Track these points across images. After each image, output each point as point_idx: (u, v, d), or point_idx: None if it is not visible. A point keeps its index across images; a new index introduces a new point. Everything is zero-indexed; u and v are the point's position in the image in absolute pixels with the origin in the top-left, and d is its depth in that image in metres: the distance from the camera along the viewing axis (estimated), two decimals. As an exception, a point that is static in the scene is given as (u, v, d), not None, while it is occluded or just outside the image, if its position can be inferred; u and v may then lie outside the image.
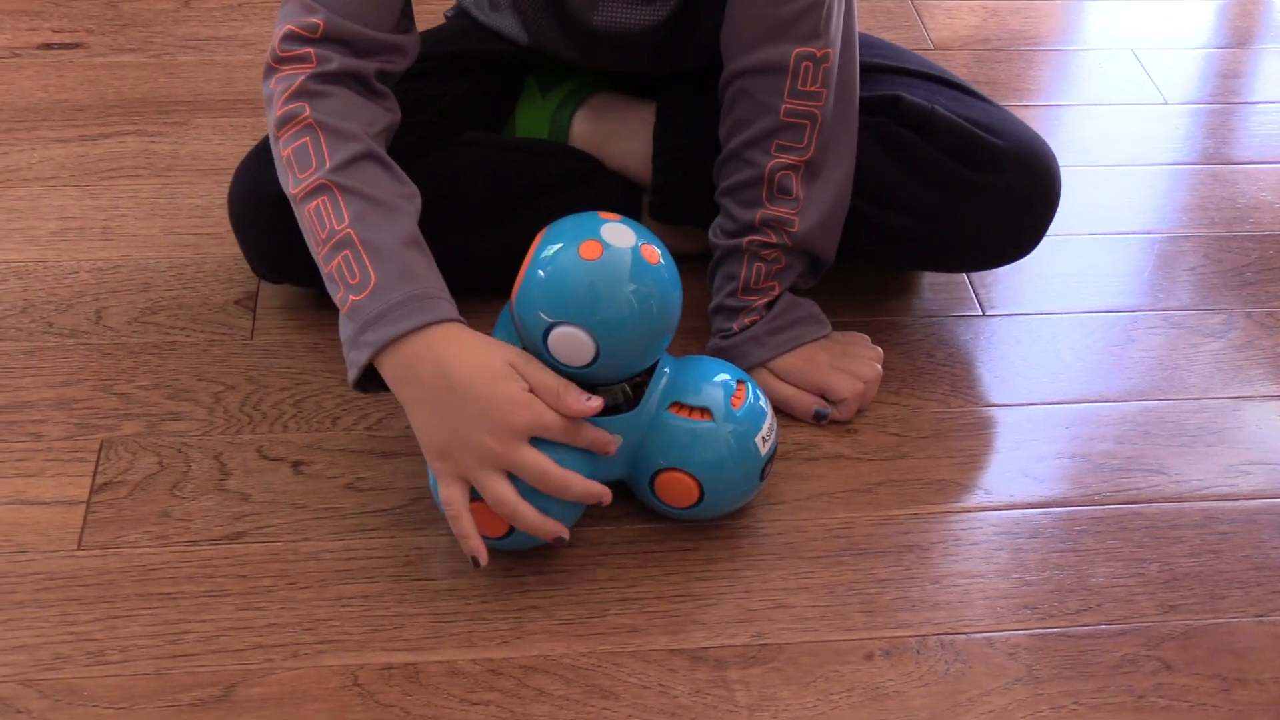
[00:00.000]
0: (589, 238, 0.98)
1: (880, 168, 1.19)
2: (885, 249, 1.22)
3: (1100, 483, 1.15)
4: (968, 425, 1.19)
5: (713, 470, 1.04)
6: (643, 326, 0.99)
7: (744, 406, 1.04)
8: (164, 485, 1.11)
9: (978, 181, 1.17)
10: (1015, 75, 1.63)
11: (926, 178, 1.18)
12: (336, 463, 1.13)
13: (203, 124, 1.49)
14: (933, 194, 1.18)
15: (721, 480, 1.05)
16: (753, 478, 1.06)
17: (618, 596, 1.05)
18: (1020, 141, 1.19)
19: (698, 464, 1.04)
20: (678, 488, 1.05)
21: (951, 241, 1.20)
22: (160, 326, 1.25)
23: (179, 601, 1.03)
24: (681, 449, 1.04)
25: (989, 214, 1.18)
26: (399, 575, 1.05)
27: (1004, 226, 1.20)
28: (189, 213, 1.38)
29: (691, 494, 1.05)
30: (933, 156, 1.18)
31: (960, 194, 1.18)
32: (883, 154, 1.19)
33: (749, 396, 1.05)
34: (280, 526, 1.08)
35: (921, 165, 1.18)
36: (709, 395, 1.04)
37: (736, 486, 1.06)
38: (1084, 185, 1.46)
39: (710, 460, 1.04)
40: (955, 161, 1.17)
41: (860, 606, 1.04)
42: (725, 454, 1.04)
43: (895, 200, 1.19)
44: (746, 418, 1.04)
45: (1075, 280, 1.35)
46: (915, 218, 1.19)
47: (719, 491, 1.05)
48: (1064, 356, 1.27)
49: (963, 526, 1.11)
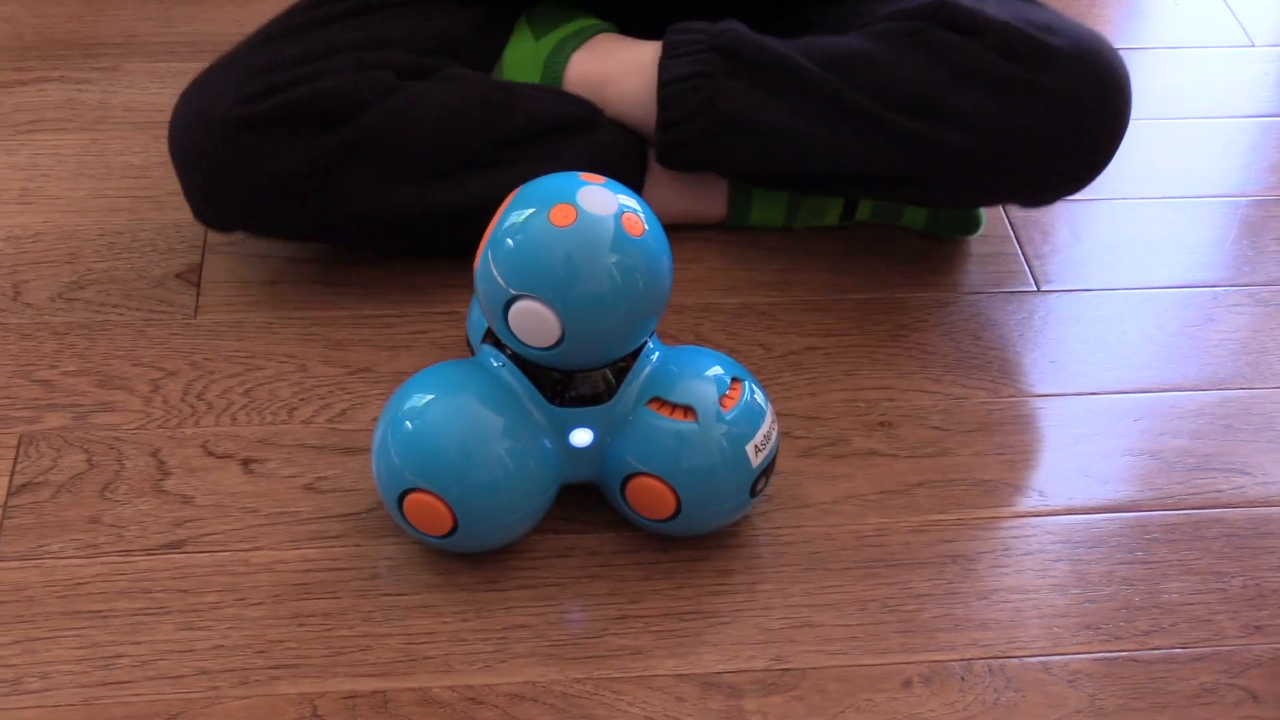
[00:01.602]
0: (562, 201, 0.99)
1: (923, 78, 1.20)
2: (931, 175, 1.23)
3: (1174, 484, 1.16)
4: (1019, 417, 1.21)
5: (693, 479, 1.04)
6: (618, 306, 0.99)
7: (736, 408, 1.04)
8: (93, 486, 1.12)
9: (1033, 81, 1.17)
10: (1078, 13, 1.64)
11: (974, 80, 1.19)
12: (293, 460, 1.14)
13: (137, 69, 1.50)
14: (981, 99, 1.19)
15: (703, 491, 1.05)
16: (741, 492, 1.06)
17: (617, 613, 1.06)
18: (1080, 39, 1.20)
19: (676, 471, 1.04)
20: (652, 497, 1.05)
21: (1006, 158, 1.20)
22: (89, 303, 1.26)
23: (110, 621, 1.03)
24: (658, 452, 1.04)
25: (1047, 120, 1.19)
26: (365, 590, 1.06)
27: (1065, 137, 1.20)
28: (121, 172, 1.39)
29: (667, 505, 1.05)
30: (980, 56, 1.19)
31: (1013, 96, 1.18)
32: (925, 62, 1.20)
33: (744, 396, 1.05)
34: (228, 534, 1.09)
35: (968, 67, 1.19)
36: (695, 392, 1.04)
37: (721, 500, 1.06)
38: (1156, 140, 1.47)
39: (691, 468, 1.04)
40: (1006, 60, 1.19)
41: (896, 626, 1.06)
42: (709, 461, 1.04)
43: (940, 111, 1.20)
44: (738, 421, 1.04)
45: (1145, 251, 1.36)
46: (963, 129, 1.19)
47: (699, 504, 1.05)
48: (1131, 338, 1.28)
49: (1014, 534, 1.12)
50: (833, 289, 1.30)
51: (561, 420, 1.04)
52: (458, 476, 1.01)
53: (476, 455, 1.02)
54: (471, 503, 1.02)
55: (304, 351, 1.22)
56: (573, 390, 1.03)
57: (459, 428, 1.02)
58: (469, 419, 1.02)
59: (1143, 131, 1.44)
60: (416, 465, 1.02)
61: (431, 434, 1.02)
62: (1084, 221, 1.38)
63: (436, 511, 1.02)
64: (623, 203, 1.00)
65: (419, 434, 1.02)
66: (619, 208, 0.99)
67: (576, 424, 1.04)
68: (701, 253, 1.32)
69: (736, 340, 1.25)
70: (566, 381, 1.03)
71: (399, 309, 1.26)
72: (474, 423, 1.02)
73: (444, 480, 1.01)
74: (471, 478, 1.01)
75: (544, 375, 1.03)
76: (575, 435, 1.04)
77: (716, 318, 1.26)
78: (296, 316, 1.25)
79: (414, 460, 1.02)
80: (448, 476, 1.01)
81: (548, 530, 1.09)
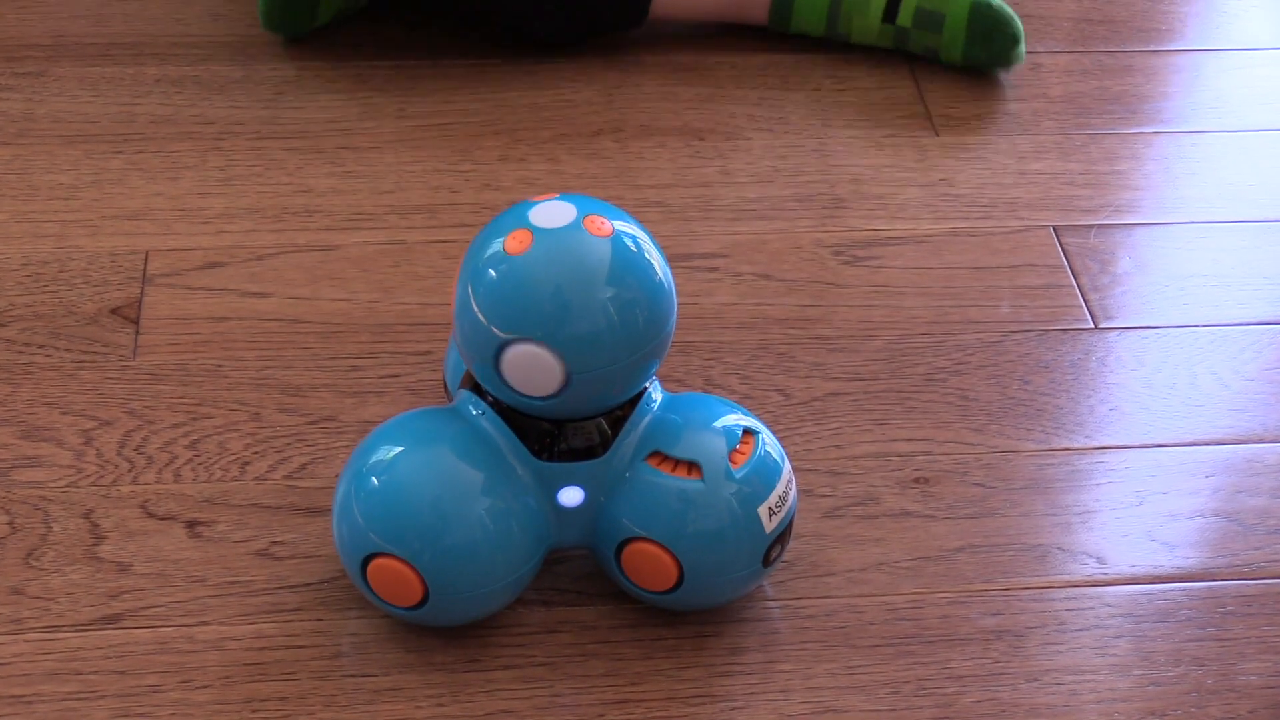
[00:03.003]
0: (515, 227, 1.00)
1: None
2: None
3: (1252, 549, 1.17)
4: (1074, 474, 1.21)
5: (698, 546, 1.04)
6: (597, 333, 0.99)
7: (748, 464, 1.05)
8: (16, 553, 1.12)
9: None
10: (1140, 12, 1.65)
11: None
12: (245, 522, 1.15)
13: (66, 75, 1.51)
14: None
15: (709, 560, 1.05)
16: (752, 560, 1.06)
17: (615, 698, 1.06)
18: None
19: (678, 536, 1.04)
20: (651, 565, 1.06)
21: None
22: (10, 343, 1.27)
23: (35, 708, 1.04)
24: (658, 515, 1.04)
25: None
26: (327, 670, 1.07)
27: None
28: (49, 192, 1.39)
29: (669, 574, 1.06)
30: None
31: None
32: None
33: (757, 451, 1.06)
34: (170, 607, 1.10)
35: None
36: (702, 445, 1.05)
37: (730, 570, 1.06)
38: (1230, 156, 1.48)
39: (695, 533, 1.04)
40: None
41: (934, 711, 1.06)
42: (716, 526, 1.04)
43: None
44: (750, 480, 1.05)
45: (1218, 283, 1.37)
46: None
47: (705, 574, 1.06)
48: (1203, 383, 1.29)
49: (1069, 607, 1.13)
50: (860, 325, 1.31)
51: (549, 477, 1.04)
52: (430, 540, 1.02)
53: (451, 516, 1.02)
54: (444, 569, 1.02)
55: (258, 398, 1.23)
56: (563, 443, 1.04)
57: (431, 484, 1.03)
58: (443, 475, 1.03)
59: (1216, 144, 1.45)
60: (383, 526, 1.02)
61: (400, 491, 1.02)
62: (1148, 248, 1.39)
63: (405, 579, 1.03)
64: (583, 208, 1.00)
65: (386, 491, 1.02)
66: (579, 213, 1.00)
67: (566, 481, 1.04)
68: (711, 286, 1.33)
69: (751, 385, 1.26)
70: (557, 433, 1.03)
71: (366, 349, 1.27)
72: (448, 479, 1.03)
73: (413, 543, 1.02)
74: (445, 541, 1.02)
75: (531, 426, 1.04)
76: (564, 494, 1.05)
77: (729, 359, 1.27)
78: (249, 358, 1.26)
79: (380, 521, 1.02)
80: (418, 539, 1.02)
81: (535, 602, 1.10)
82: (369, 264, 1.34)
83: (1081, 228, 1.40)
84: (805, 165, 1.46)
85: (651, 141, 1.47)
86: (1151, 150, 1.49)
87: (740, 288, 1.33)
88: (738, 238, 1.38)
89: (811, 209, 1.41)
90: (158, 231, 1.36)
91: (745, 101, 1.52)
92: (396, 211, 1.39)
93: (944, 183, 1.45)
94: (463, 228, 1.37)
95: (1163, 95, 1.56)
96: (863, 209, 1.41)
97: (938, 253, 1.37)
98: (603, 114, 1.50)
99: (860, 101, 1.53)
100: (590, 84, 1.53)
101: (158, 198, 1.38)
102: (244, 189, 1.40)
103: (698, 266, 1.34)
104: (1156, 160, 1.48)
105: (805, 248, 1.37)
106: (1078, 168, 1.47)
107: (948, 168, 1.46)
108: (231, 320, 1.29)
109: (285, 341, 1.27)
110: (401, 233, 1.37)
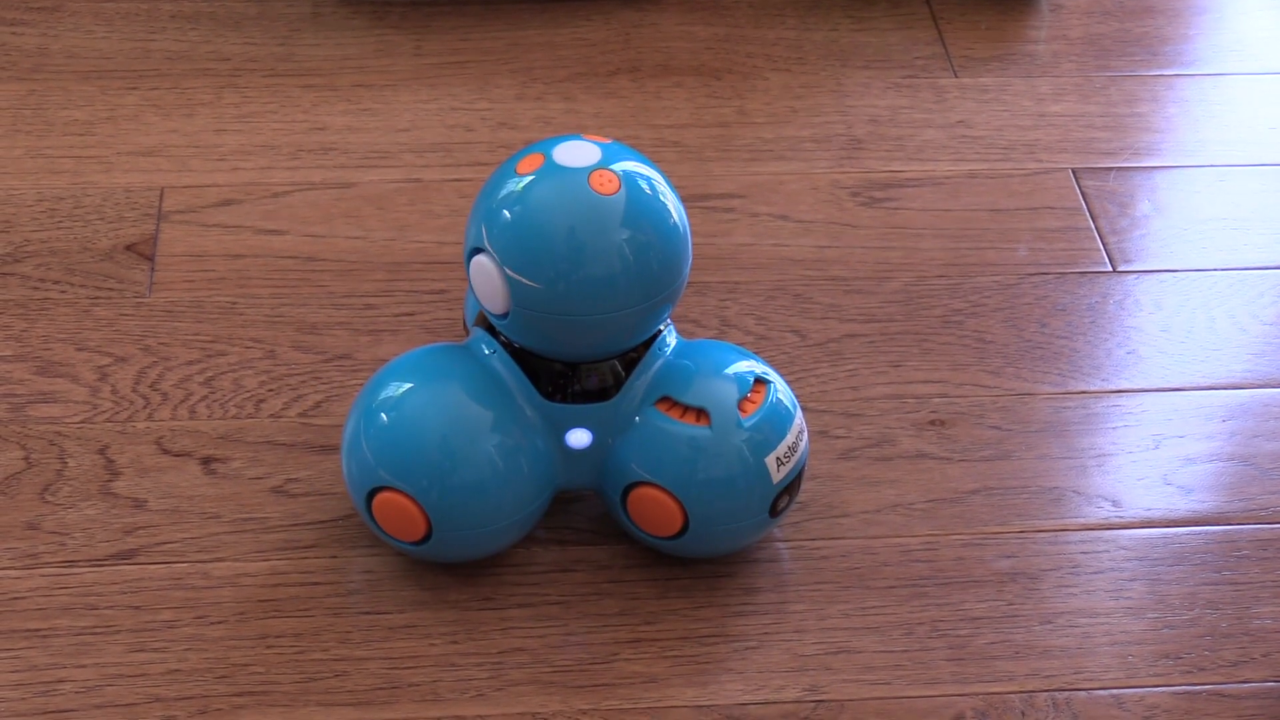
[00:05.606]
0: (535, 151, 1.01)
1: None
2: None
3: (1268, 494, 1.17)
4: (1090, 417, 1.22)
5: (703, 493, 1.04)
6: (587, 278, 0.99)
7: (758, 413, 1.05)
8: (31, 488, 1.13)
9: None
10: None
11: None
12: (260, 459, 1.16)
13: (80, 9, 1.51)
14: None
15: (714, 508, 1.05)
16: (759, 510, 1.06)
17: (629, 636, 1.07)
18: None
19: (683, 482, 1.04)
20: (655, 510, 1.06)
21: None
22: (26, 279, 1.27)
23: (51, 641, 1.05)
24: (664, 460, 1.04)
25: None
26: (341, 607, 1.07)
27: None
28: (63, 128, 1.40)
29: (673, 520, 1.06)
30: None
31: None
32: None
33: (768, 400, 1.06)
34: (185, 543, 1.11)
35: None
36: (712, 392, 1.05)
37: (735, 519, 1.06)
38: (1252, 99, 1.48)
39: (702, 480, 1.04)
40: None
41: (947, 653, 1.07)
42: (722, 474, 1.04)
43: None
44: (759, 428, 1.04)
45: (1237, 226, 1.37)
46: None
47: (710, 522, 1.06)
48: (1220, 327, 1.29)
49: (1083, 549, 1.13)
50: (877, 267, 1.31)
51: (557, 418, 1.05)
52: (436, 475, 1.02)
53: (457, 452, 1.02)
54: (448, 505, 1.03)
55: (273, 335, 1.24)
56: (577, 384, 1.04)
57: (438, 421, 1.03)
58: (450, 412, 1.03)
59: (1237, 87, 1.45)
60: (389, 460, 1.03)
61: (407, 427, 1.03)
62: (1168, 191, 1.40)
63: (408, 513, 1.04)
64: (608, 156, 1.00)
65: (394, 426, 1.03)
66: (600, 159, 1.00)
67: (574, 423, 1.05)
68: (728, 226, 1.33)
69: (767, 326, 1.26)
70: (570, 374, 1.04)
71: (382, 287, 1.28)
72: (456, 416, 1.03)
73: (419, 478, 1.02)
74: (449, 478, 1.02)
75: (545, 367, 1.04)
76: (572, 436, 1.05)
77: (745, 300, 1.27)
78: (264, 296, 1.27)
79: (387, 455, 1.03)
80: (423, 474, 1.02)
81: (550, 541, 1.11)
82: (385, 202, 1.34)
83: (1100, 170, 1.40)
84: (823, 106, 1.46)
85: (669, 81, 1.47)
86: (1172, 93, 1.49)
87: (757, 228, 1.34)
88: (755, 178, 1.38)
89: (829, 150, 1.41)
90: (173, 168, 1.36)
91: (763, 41, 1.52)
92: (412, 150, 1.39)
93: (962, 124, 1.45)
94: (479, 166, 1.37)
95: (1184, 37, 1.55)
96: (880, 150, 1.42)
97: (955, 194, 1.38)
98: (620, 53, 1.50)
99: (879, 42, 1.53)
100: (607, 23, 1.53)
101: (173, 134, 1.39)
102: (259, 126, 1.41)
103: (714, 207, 1.35)
104: (1177, 103, 1.48)
105: (822, 188, 1.37)
106: (1097, 110, 1.47)
107: (966, 109, 1.46)
108: (247, 258, 1.29)
109: (300, 279, 1.28)
110: (417, 171, 1.37)
